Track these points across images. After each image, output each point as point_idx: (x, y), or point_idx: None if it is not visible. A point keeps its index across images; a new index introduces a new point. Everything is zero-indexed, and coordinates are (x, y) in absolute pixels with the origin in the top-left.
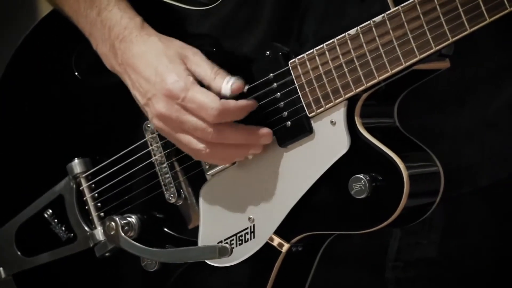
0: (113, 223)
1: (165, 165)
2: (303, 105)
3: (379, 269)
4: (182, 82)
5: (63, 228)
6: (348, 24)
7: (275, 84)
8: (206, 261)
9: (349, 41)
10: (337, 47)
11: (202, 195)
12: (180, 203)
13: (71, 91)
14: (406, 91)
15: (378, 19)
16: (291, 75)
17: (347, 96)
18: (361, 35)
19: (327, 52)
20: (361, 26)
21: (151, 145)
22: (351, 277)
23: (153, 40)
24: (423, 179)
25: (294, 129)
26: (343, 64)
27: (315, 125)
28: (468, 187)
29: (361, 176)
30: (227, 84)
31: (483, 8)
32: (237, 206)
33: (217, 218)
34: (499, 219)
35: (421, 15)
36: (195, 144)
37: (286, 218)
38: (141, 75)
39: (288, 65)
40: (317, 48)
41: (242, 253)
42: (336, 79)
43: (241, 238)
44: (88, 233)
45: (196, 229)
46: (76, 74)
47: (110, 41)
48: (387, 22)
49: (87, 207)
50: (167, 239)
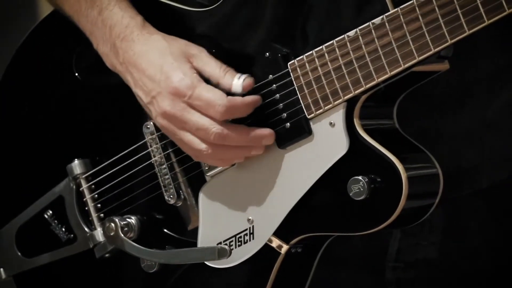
0: (113, 224)
1: (164, 166)
2: (302, 106)
3: (379, 270)
4: (189, 80)
5: (63, 229)
6: (347, 25)
7: (274, 85)
8: (205, 262)
9: (348, 43)
10: (336, 48)
11: (201, 196)
12: (180, 204)
13: (71, 92)
14: (405, 93)
15: (377, 21)
16: (291, 77)
17: (346, 97)
18: (360, 36)
19: (326, 53)
20: (360, 28)
21: (150, 146)
22: (351, 278)
23: (155, 38)
24: (422, 180)
25: (293, 130)
26: (342, 65)
27: (314, 126)
28: (468, 188)
29: (360, 177)
30: (238, 81)
31: (482, 10)
32: (236, 207)
33: (216, 219)
34: (499, 220)
35: (420, 17)
36: (197, 144)
37: (285, 220)
38: (144, 73)
39: (287, 67)
40: (316, 49)
41: (242, 254)
42: (335, 80)
43: (240, 239)
44: (88, 234)
45: (196, 230)
46: (76, 75)
47: (111, 40)
48: (386, 24)
49: (87, 208)
50: (166, 240)
